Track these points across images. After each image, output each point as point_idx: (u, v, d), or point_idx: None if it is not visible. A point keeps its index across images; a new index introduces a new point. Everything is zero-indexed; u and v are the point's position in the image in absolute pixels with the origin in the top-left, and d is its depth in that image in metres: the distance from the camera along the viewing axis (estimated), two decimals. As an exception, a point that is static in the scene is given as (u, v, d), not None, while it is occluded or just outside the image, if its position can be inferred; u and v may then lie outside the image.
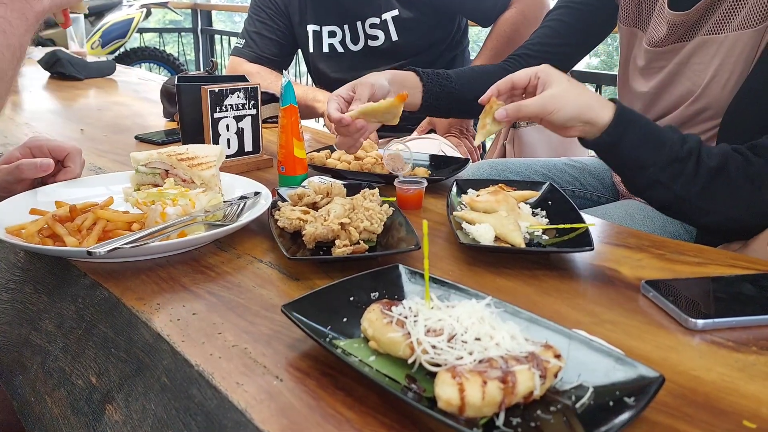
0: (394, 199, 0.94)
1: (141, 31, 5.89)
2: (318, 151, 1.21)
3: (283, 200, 0.93)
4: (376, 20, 1.78)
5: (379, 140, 1.78)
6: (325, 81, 1.93)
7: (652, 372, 0.50)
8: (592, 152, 1.63)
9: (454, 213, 0.90)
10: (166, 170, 0.95)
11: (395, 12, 1.75)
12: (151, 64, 5.45)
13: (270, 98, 1.65)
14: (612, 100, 0.94)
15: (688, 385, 0.55)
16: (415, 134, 1.85)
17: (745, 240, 0.94)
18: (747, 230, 0.93)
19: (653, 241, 0.87)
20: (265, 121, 1.59)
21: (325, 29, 1.85)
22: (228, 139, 1.18)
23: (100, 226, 0.77)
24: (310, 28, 1.87)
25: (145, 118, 1.70)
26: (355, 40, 1.83)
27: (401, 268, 0.68)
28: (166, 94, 1.65)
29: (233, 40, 5.58)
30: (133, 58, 5.26)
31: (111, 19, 4.95)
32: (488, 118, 0.92)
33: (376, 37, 1.80)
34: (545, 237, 0.86)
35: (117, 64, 2.57)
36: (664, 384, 0.49)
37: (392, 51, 1.80)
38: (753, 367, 0.57)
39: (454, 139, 1.81)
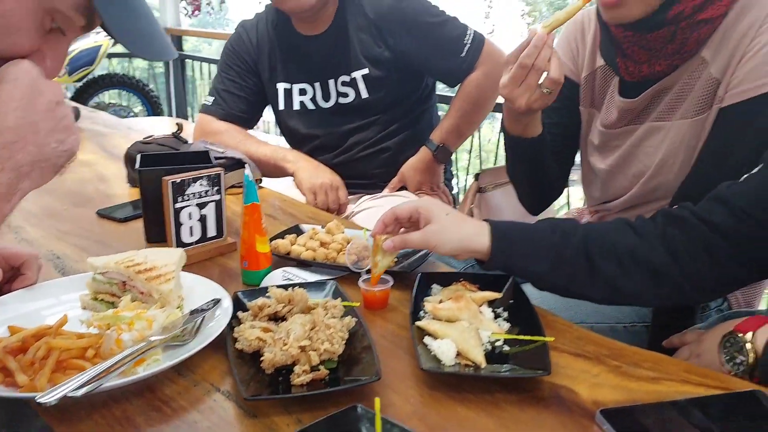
0: (358, 304, 0.94)
1: (110, 56, 5.82)
2: (283, 236, 1.20)
3: (245, 309, 0.92)
4: (347, 78, 1.79)
5: (349, 197, 1.79)
6: (296, 137, 1.93)
7: None
8: (560, 215, 1.66)
9: (417, 323, 0.90)
10: (124, 282, 0.93)
11: (365, 71, 1.77)
12: (120, 91, 5.38)
13: (236, 163, 1.64)
14: (486, 221, 0.97)
15: None
16: (386, 191, 1.86)
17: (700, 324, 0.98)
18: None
19: (611, 349, 0.89)
20: (232, 187, 1.58)
21: (296, 87, 1.86)
22: (191, 227, 1.17)
23: (53, 359, 0.75)
24: (281, 86, 1.88)
25: (109, 183, 1.68)
26: (326, 97, 1.84)
27: (359, 410, 0.68)
28: (130, 161, 1.63)
29: (204, 65, 5.56)
30: (101, 84, 5.19)
31: (78, 46, 4.88)
32: (378, 254, 0.99)
33: (346, 95, 1.81)
34: (506, 347, 0.87)
35: (81, 108, 2.53)
36: None
37: (362, 107, 1.81)
38: None
39: (426, 197, 1.82)
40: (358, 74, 1.78)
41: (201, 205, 1.18)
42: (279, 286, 0.95)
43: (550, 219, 1.04)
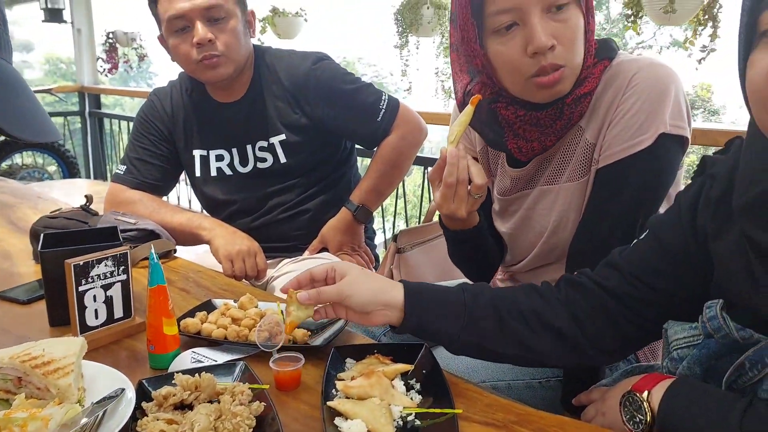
0: (267, 386, 0.92)
1: (22, 116, 5.63)
2: (193, 314, 1.18)
3: (149, 398, 0.89)
4: (265, 143, 1.80)
5: (269, 261, 1.78)
6: (213, 203, 1.91)
7: None
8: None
9: (328, 403, 0.90)
10: (19, 377, 0.89)
11: (282, 136, 1.79)
12: (35, 153, 5.19)
13: (149, 234, 1.61)
14: (400, 281, 1.01)
15: None
16: (306, 254, 1.86)
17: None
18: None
19: (519, 415, 0.91)
20: (144, 259, 1.54)
21: (213, 153, 1.86)
22: (96, 310, 1.13)
23: (-67, 475, 0.70)
24: (197, 152, 1.87)
25: (13, 260, 1.60)
26: (243, 162, 1.84)
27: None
28: (36, 237, 1.57)
29: (123, 123, 5.44)
30: (13, 147, 4.98)
31: (-13, 108, 4.70)
32: (293, 305, 1.00)
33: (264, 159, 1.82)
34: (417, 422, 0.88)
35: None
36: None
37: (281, 171, 1.82)
38: None
39: (347, 257, 1.83)
40: (275, 140, 1.80)
41: (106, 287, 1.14)
42: (186, 371, 0.93)
43: (461, 282, 1.07)
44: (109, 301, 1.15)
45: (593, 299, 0.98)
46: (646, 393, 0.88)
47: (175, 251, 1.64)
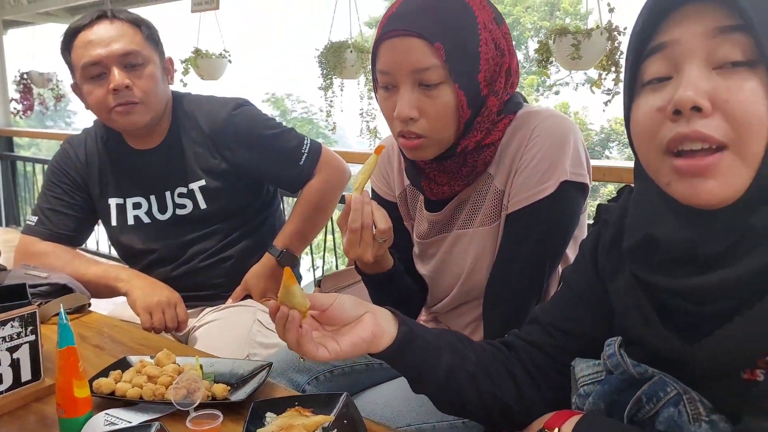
0: (184, 444, 0.90)
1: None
2: (106, 374, 1.14)
3: (57, 467, 0.86)
4: (184, 189, 1.78)
5: (190, 311, 1.74)
6: (131, 252, 1.86)
7: None
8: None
9: (247, 460, 0.89)
10: None
11: (202, 182, 1.77)
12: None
13: (61, 289, 1.55)
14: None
15: None
16: (229, 302, 1.83)
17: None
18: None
19: (437, 460, 0.93)
20: (55, 315, 1.48)
21: (130, 201, 1.81)
22: (0, 374, 1.08)
23: None
24: (113, 201, 1.82)
25: None
26: (162, 209, 1.81)
27: None
28: (-65, 296, 1.48)
29: (38, 166, 5.22)
30: None
31: None
32: (290, 293, 0.91)
33: (184, 206, 1.79)
34: (337, 474, 0.88)
35: None
36: None
37: (201, 218, 1.80)
38: None
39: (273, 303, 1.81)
40: (195, 185, 1.78)
41: (12, 349, 1.09)
42: (98, 437, 0.90)
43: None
44: (15, 364, 1.10)
45: (523, 354, 1.03)
46: (557, 430, 0.92)
47: (89, 305, 1.59)
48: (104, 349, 1.34)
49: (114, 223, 1.83)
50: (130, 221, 1.82)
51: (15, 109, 5.29)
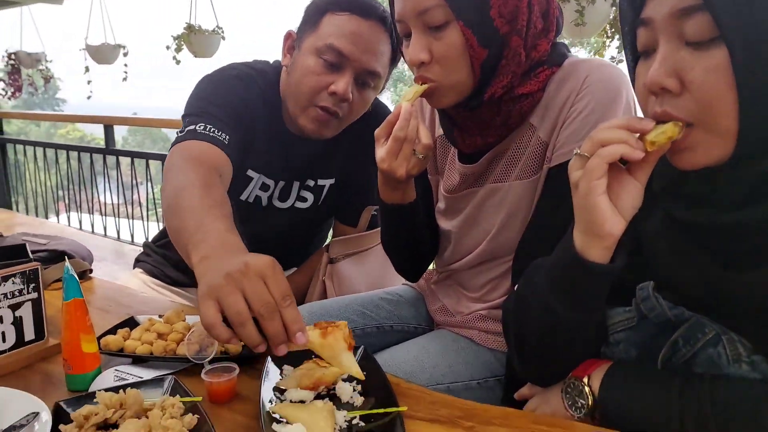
0: (200, 398, 0.86)
1: None
2: (114, 331, 1.10)
3: (68, 420, 0.81)
4: (312, 183, 1.64)
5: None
6: None
7: None
8: (405, 281, 1.69)
9: (268, 409, 0.85)
10: None
11: (332, 180, 1.65)
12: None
13: (59, 256, 1.51)
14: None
15: None
16: None
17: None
18: None
19: (463, 410, 0.89)
20: (57, 281, 1.43)
21: (261, 179, 1.59)
22: (2, 333, 1.03)
23: None
24: (250, 172, 1.58)
25: None
26: (283, 197, 1.63)
27: None
28: (-70, 262, 1.43)
29: (29, 149, 5.14)
30: None
31: None
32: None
33: (305, 199, 1.65)
34: (362, 424, 0.84)
35: None
36: None
37: (313, 216, 1.69)
38: None
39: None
40: (326, 182, 1.64)
41: (14, 306, 1.04)
42: (109, 389, 0.86)
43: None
44: (18, 322, 1.05)
45: None
46: (586, 378, 0.89)
47: (90, 271, 1.54)
48: (110, 312, 1.29)
49: (239, 194, 1.60)
50: (250, 198, 1.61)
51: (4, 90, 5.18)
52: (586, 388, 0.88)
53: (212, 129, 1.36)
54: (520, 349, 0.98)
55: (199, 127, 1.36)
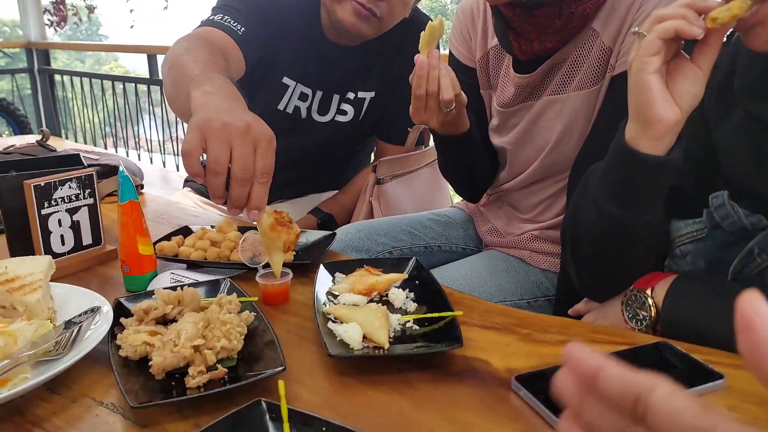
0: (255, 299, 0.87)
1: (-34, 75, 5.32)
2: (168, 237, 1.11)
3: (128, 312, 0.83)
4: (352, 95, 1.60)
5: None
6: None
7: None
8: (455, 202, 1.67)
9: (322, 310, 0.85)
10: (-20, 296, 0.81)
11: (372, 93, 1.60)
12: (-19, 112, 4.91)
13: (112, 170, 1.52)
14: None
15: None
16: None
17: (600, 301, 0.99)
18: None
19: (518, 318, 0.88)
20: (110, 195, 1.45)
21: (300, 88, 1.57)
22: (62, 236, 1.05)
23: None
24: (285, 80, 1.55)
25: (-36, 200, 1.49)
26: (323, 110, 1.60)
27: (263, 405, 0.62)
28: (-11, 173, 1.46)
29: (76, 79, 5.19)
30: (-42, 106, 4.71)
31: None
32: None
33: (345, 112, 1.62)
34: (416, 327, 0.84)
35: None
36: None
37: (352, 131, 1.64)
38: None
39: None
40: (367, 95, 1.60)
41: (72, 211, 1.06)
42: (167, 288, 0.87)
43: None
44: (75, 226, 1.07)
45: None
46: (649, 290, 0.86)
47: (142, 186, 1.56)
48: (162, 223, 1.31)
49: (270, 101, 1.57)
50: (288, 109, 1.58)
51: (49, 20, 5.21)
52: (650, 300, 0.85)
53: (227, 19, 1.34)
54: (576, 259, 0.95)
55: (217, 17, 1.35)
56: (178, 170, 4.44)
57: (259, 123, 0.85)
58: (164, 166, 4.56)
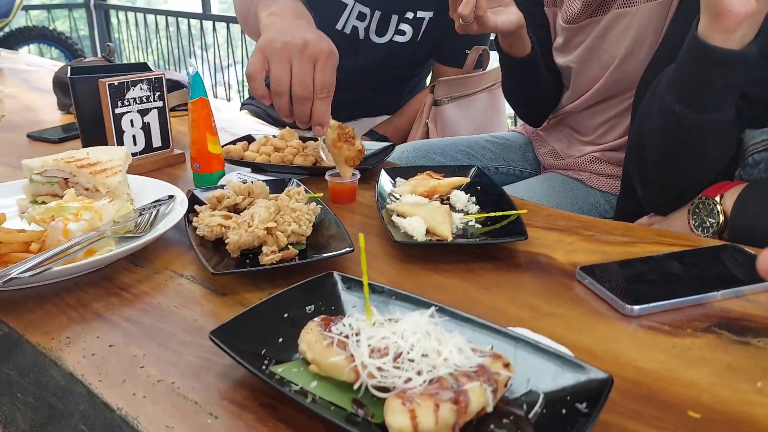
0: (320, 195, 0.89)
1: (26, 8, 5.44)
2: (234, 143, 1.14)
3: (201, 203, 0.87)
4: (411, 15, 1.57)
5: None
6: None
7: (600, 373, 0.49)
8: (514, 127, 1.64)
9: (387, 207, 0.87)
10: (66, 178, 0.86)
11: (431, 14, 1.58)
12: (41, 45, 5.04)
13: (175, 85, 1.55)
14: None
15: (631, 378, 0.55)
16: None
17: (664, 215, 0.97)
18: None
19: (582, 222, 0.88)
20: (172, 110, 1.49)
21: (358, 7, 1.56)
22: (134, 136, 1.09)
23: (-7, 252, 0.68)
24: None
25: (37, 112, 1.56)
26: (381, 32, 1.59)
27: (336, 276, 0.64)
28: (60, 85, 1.51)
29: (130, 14, 5.26)
30: (19, 38, 4.84)
31: (-10, -4, 4.52)
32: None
33: (404, 33, 1.59)
34: (478, 225, 0.85)
35: None
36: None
37: (411, 52, 1.63)
38: (689, 352, 0.58)
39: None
40: (426, 15, 1.57)
41: (143, 112, 1.09)
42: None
43: None
44: (146, 128, 1.11)
45: None
46: (719, 196, 0.85)
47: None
48: (226, 132, 1.34)
49: (328, 21, 1.54)
50: (346, 29, 1.57)
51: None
52: (718, 206, 0.84)
53: None
54: (641, 167, 0.93)
55: None
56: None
57: (318, 39, 0.89)
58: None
